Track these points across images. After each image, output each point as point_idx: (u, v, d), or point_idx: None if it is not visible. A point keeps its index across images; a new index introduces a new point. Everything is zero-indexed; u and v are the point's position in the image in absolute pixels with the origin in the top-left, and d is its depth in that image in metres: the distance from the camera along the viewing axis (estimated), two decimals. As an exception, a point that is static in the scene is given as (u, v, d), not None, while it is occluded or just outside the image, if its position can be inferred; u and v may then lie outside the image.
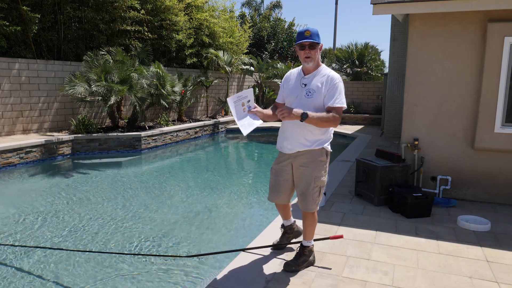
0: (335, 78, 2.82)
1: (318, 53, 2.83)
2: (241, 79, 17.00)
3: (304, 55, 2.81)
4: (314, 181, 2.91)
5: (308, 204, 2.96)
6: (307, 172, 2.91)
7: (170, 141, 10.64)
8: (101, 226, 4.68)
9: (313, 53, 2.80)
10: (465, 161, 4.90)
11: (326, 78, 2.82)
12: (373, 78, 18.28)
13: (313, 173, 2.91)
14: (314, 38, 2.77)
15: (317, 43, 2.79)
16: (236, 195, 6.28)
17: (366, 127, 13.73)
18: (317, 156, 2.91)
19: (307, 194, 2.94)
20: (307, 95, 2.83)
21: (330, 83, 2.79)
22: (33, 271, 3.55)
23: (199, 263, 3.71)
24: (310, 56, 2.80)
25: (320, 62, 2.91)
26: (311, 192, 2.93)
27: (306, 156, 2.91)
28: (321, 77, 2.84)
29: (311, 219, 3.05)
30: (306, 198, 2.95)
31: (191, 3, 13.66)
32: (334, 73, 2.86)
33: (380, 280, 2.93)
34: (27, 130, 9.02)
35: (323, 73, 2.86)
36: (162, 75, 10.46)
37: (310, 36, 2.77)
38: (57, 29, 10.30)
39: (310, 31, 2.78)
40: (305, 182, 2.93)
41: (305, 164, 2.92)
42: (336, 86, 2.79)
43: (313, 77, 2.87)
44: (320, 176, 2.93)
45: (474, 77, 4.73)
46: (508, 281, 2.96)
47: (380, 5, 4.71)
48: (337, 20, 26.22)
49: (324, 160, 2.95)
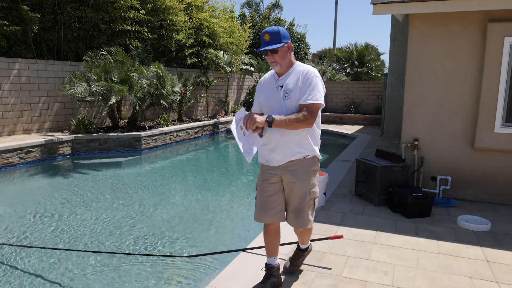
0: (310, 72, 2.52)
1: (286, 55, 2.55)
2: (241, 79, 17.00)
3: (269, 60, 2.55)
4: (309, 193, 2.62)
5: (304, 220, 2.64)
6: (301, 185, 2.60)
7: (170, 141, 10.64)
8: (100, 226, 4.68)
9: (278, 58, 2.52)
10: (465, 161, 4.90)
11: (300, 74, 2.54)
12: (373, 78, 18.28)
13: (307, 185, 2.61)
14: (274, 42, 2.47)
15: (278, 47, 2.49)
16: (236, 195, 6.28)
17: (366, 127, 13.73)
18: (310, 166, 2.63)
19: (302, 210, 2.62)
20: (284, 97, 2.54)
21: (304, 78, 2.51)
22: (33, 271, 3.55)
23: (199, 263, 3.71)
24: (275, 61, 2.53)
25: (293, 60, 2.63)
26: (306, 206, 2.62)
27: (297, 167, 2.60)
28: (296, 74, 2.56)
29: (307, 231, 2.84)
30: (301, 214, 2.63)
31: (191, 3, 13.66)
32: (310, 67, 2.57)
33: (380, 280, 2.93)
34: (28, 130, 9.02)
35: (298, 70, 2.57)
36: (162, 75, 10.46)
37: (269, 40, 2.48)
38: (57, 29, 10.30)
39: (269, 34, 2.49)
40: (299, 196, 2.61)
41: (298, 175, 2.60)
42: (310, 80, 2.49)
43: (287, 77, 2.58)
44: (314, 187, 2.66)
45: (474, 77, 4.73)
46: (508, 281, 2.96)
47: (380, 5, 4.71)
48: (337, 20, 26.24)
49: (317, 170, 2.69)
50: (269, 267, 2.78)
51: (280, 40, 2.49)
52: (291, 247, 3.46)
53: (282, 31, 2.51)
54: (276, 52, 2.51)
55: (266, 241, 2.80)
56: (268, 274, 2.77)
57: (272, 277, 2.76)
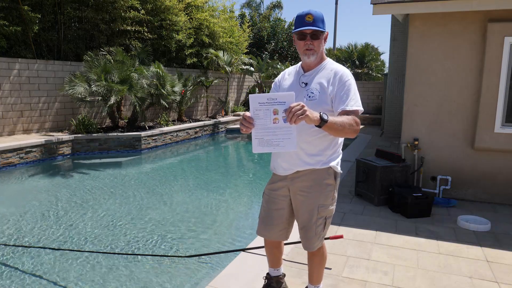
0: (346, 74, 2.15)
1: (322, 44, 2.18)
2: (241, 79, 17.00)
3: (304, 46, 2.14)
4: (318, 210, 2.22)
5: (310, 241, 2.27)
6: (309, 199, 2.23)
7: (170, 141, 10.64)
8: (100, 226, 4.68)
9: (316, 45, 2.14)
10: (465, 161, 4.90)
11: (333, 74, 2.16)
12: (373, 78, 18.28)
13: (318, 201, 2.22)
14: (318, 25, 2.11)
15: (322, 31, 2.13)
16: (236, 195, 6.28)
17: (366, 127, 13.73)
18: (323, 178, 2.22)
19: (309, 229, 2.25)
20: (309, 97, 2.14)
21: (340, 81, 2.13)
22: (33, 271, 3.55)
23: (199, 263, 3.71)
24: (313, 48, 2.14)
25: (324, 56, 2.25)
26: (313, 225, 2.24)
27: (307, 178, 2.22)
28: (326, 73, 2.18)
29: (318, 258, 2.38)
30: (308, 233, 2.27)
31: (191, 3, 13.67)
32: (344, 68, 2.19)
33: (380, 280, 2.93)
34: (28, 130, 9.02)
35: (329, 68, 2.19)
36: (162, 75, 10.47)
37: (313, 22, 2.09)
38: (57, 29, 10.30)
39: (312, 15, 2.10)
40: (306, 212, 2.25)
41: (307, 188, 2.23)
42: (349, 84, 2.12)
43: (315, 73, 2.20)
44: (326, 204, 2.24)
45: (474, 77, 4.73)
46: (508, 281, 2.96)
47: (380, 5, 4.71)
48: (337, 20, 26.23)
49: (332, 184, 2.25)
50: (268, 277, 2.61)
51: (324, 26, 2.15)
52: (291, 247, 3.46)
53: (323, 17, 2.17)
54: (317, 38, 2.13)
55: (266, 252, 2.59)
56: (267, 284, 2.59)
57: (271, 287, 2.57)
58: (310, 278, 2.45)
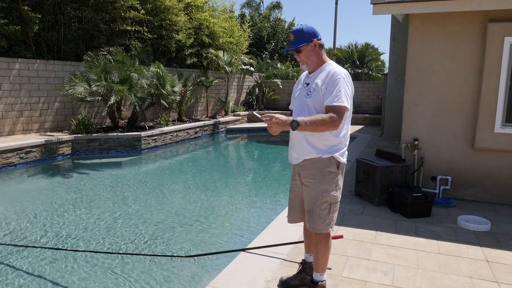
0: (337, 73, 2.45)
1: (311, 53, 2.53)
2: (241, 79, 17.00)
3: (297, 59, 2.61)
4: (321, 195, 2.51)
5: (315, 222, 2.55)
6: (313, 185, 2.53)
7: (170, 141, 10.64)
8: (100, 226, 4.68)
9: (303, 56, 2.54)
10: (465, 161, 4.90)
11: (326, 74, 2.49)
12: (373, 78, 18.29)
13: (320, 186, 2.51)
14: (298, 43, 2.50)
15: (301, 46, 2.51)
16: (236, 195, 6.27)
17: (366, 127, 13.73)
18: (325, 166, 2.51)
19: (314, 211, 2.54)
20: (307, 94, 2.53)
21: (330, 79, 2.44)
22: (33, 271, 3.55)
23: (199, 263, 3.71)
24: (302, 60, 2.56)
25: (325, 59, 2.59)
26: (317, 208, 2.53)
27: (312, 166, 2.54)
28: (323, 74, 2.51)
29: (323, 245, 2.62)
30: (313, 215, 2.55)
31: (191, 3, 13.66)
32: (340, 68, 2.50)
33: (380, 280, 2.93)
34: (28, 130, 9.02)
35: (327, 70, 2.52)
36: (162, 75, 10.47)
37: (294, 40, 2.53)
38: (57, 29, 10.30)
39: (292, 34, 2.53)
40: (311, 196, 2.55)
41: (311, 175, 2.54)
42: (336, 81, 2.42)
43: (316, 75, 2.55)
44: (329, 190, 2.52)
45: (474, 77, 4.72)
46: (508, 281, 2.96)
47: (380, 5, 4.71)
48: (337, 20, 26.23)
49: (334, 172, 2.53)
50: (303, 262, 2.89)
51: (304, 39, 2.50)
52: (291, 247, 3.46)
53: (306, 29, 2.51)
54: (300, 52, 2.54)
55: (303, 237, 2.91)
56: (301, 269, 2.86)
57: (304, 272, 2.83)
58: (316, 266, 2.69)
